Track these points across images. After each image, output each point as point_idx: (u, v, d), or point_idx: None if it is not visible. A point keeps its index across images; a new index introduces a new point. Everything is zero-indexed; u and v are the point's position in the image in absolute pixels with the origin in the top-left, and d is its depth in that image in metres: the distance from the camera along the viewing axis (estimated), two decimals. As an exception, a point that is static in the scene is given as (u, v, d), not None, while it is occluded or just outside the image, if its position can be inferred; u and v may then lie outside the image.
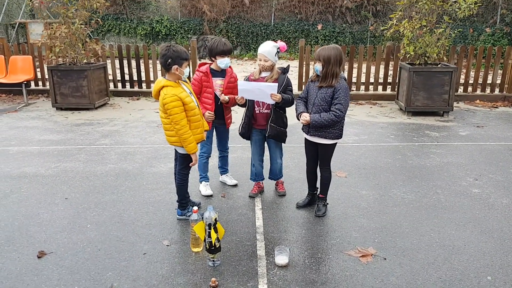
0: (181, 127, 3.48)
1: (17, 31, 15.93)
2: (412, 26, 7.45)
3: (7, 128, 6.86)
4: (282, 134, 4.13)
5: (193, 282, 2.97)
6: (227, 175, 4.64)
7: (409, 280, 2.99)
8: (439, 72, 7.52)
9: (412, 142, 6.13)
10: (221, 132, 4.41)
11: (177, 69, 3.45)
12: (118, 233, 3.63)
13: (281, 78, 4.00)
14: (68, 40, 7.77)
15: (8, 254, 3.30)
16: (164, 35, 16.42)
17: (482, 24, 14.88)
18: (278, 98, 3.82)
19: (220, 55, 4.03)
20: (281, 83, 3.97)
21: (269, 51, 3.92)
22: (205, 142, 4.21)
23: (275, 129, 4.06)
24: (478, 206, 4.14)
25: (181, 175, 3.82)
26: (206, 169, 4.41)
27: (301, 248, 3.41)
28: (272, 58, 3.94)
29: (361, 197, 4.33)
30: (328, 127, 3.67)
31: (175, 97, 3.41)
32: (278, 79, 3.99)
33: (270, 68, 4.00)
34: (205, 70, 4.08)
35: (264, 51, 3.92)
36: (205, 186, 4.40)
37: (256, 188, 4.41)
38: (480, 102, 8.77)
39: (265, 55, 3.92)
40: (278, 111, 4.04)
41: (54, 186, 4.59)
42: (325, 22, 16.09)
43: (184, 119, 3.49)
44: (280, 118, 4.07)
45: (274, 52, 3.93)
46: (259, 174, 4.37)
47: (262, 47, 3.95)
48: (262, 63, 3.96)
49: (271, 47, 3.93)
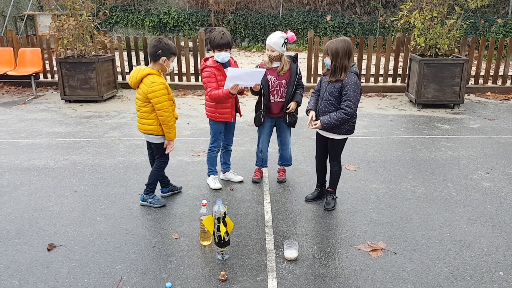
0: (169, 114, 3.64)
1: (25, 23, 15.97)
2: (422, 17, 7.35)
3: (16, 120, 6.89)
4: (295, 119, 4.29)
5: (202, 276, 2.97)
6: (231, 172, 4.57)
7: (420, 275, 2.97)
8: (450, 63, 7.42)
9: (422, 135, 6.07)
10: (231, 125, 4.38)
11: (165, 61, 3.61)
12: (127, 226, 3.63)
13: (293, 67, 4.10)
14: (76, 33, 7.76)
15: (19, 247, 3.32)
16: (171, 26, 16.38)
17: (494, 15, 14.66)
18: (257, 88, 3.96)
19: (217, 49, 3.97)
20: (295, 72, 4.09)
21: (275, 41, 3.95)
22: (218, 137, 4.27)
23: (294, 117, 4.23)
24: (489, 200, 4.09)
25: (161, 163, 3.95)
26: (215, 163, 4.39)
27: (310, 242, 3.39)
28: (278, 49, 3.98)
29: (370, 190, 4.30)
30: (341, 125, 3.64)
31: (164, 85, 3.59)
32: (290, 69, 4.09)
33: (278, 58, 4.05)
34: (216, 65, 4.02)
35: (270, 41, 3.97)
36: (214, 179, 4.39)
37: (258, 173, 4.56)
38: (491, 94, 8.66)
39: (271, 46, 3.97)
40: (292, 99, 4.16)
41: (63, 178, 4.60)
42: (334, 13, 15.94)
43: (170, 107, 3.67)
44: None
45: (280, 43, 3.96)
46: (265, 160, 4.53)
47: (269, 37, 4.00)
48: (269, 53, 4.04)
49: (277, 38, 3.96)
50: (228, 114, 4.17)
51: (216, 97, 3.96)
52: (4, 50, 8.88)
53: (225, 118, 4.18)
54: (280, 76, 4.07)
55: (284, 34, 3.96)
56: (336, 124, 3.60)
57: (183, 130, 6.33)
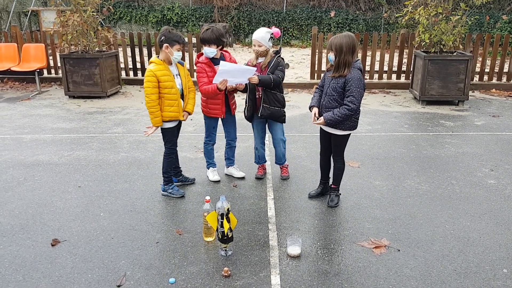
0: (150, 100, 3.78)
1: (29, 19, 15.99)
2: (427, 13, 7.30)
3: (20, 116, 6.91)
4: (276, 113, 4.20)
5: (206, 271, 2.97)
6: (234, 167, 4.58)
7: (423, 272, 2.96)
8: (455, 60, 7.39)
9: (426, 132, 6.05)
10: (228, 120, 4.37)
11: (167, 47, 3.77)
12: (131, 221, 3.64)
13: (272, 59, 4.11)
14: (80, 28, 7.76)
15: (23, 242, 3.33)
16: (175, 22, 16.36)
17: (499, 11, 14.57)
18: (255, 80, 3.92)
19: (203, 44, 4.04)
20: (274, 64, 4.09)
21: (262, 36, 4.01)
22: (211, 131, 4.35)
23: (268, 109, 4.16)
24: (493, 197, 4.07)
25: (166, 149, 4.11)
26: (212, 155, 4.47)
27: (313, 239, 3.39)
28: (265, 44, 4.03)
29: (374, 187, 4.29)
30: (345, 121, 3.62)
31: (151, 73, 3.74)
32: (270, 61, 4.10)
33: (264, 53, 4.09)
34: (206, 61, 4.08)
35: (257, 37, 4.02)
36: (213, 172, 4.45)
37: (261, 170, 4.56)
38: (496, 91, 8.62)
39: (259, 41, 4.02)
40: (269, 91, 4.12)
41: (67, 174, 4.61)
42: (338, 9, 15.88)
43: (155, 95, 3.78)
44: (272, 98, 4.14)
45: (267, 38, 4.02)
46: (261, 157, 4.52)
47: (256, 33, 4.07)
48: (257, 48, 4.08)
49: (264, 33, 4.02)
50: (218, 110, 4.20)
51: (206, 92, 4.06)
52: (8, 46, 8.90)
53: (215, 114, 4.23)
54: (263, 71, 4.11)
55: (270, 30, 4.03)
56: (340, 120, 3.59)
57: (186, 126, 6.33)
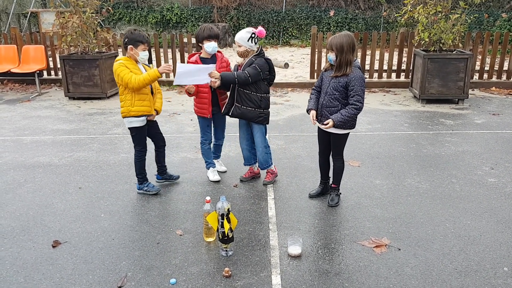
0: (134, 80, 3.70)
1: (29, 21, 15.99)
2: (426, 12, 7.30)
3: (20, 117, 6.91)
4: (248, 114, 4.06)
5: (206, 272, 2.98)
6: (217, 161, 4.66)
7: (424, 271, 2.96)
8: (454, 59, 7.38)
9: (426, 131, 6.05)
10: (217, 119, 4.39)
11: (131, 49, 3.79)
12: (131, 222, 3.65)
13: (249, 60, 4.02)
14: (80, 30, 7.76)
15: (24, 244, 3.33)
16: (174, 23, 16.36)
17: (498, 10, 14.55)
18: (215, 76, 3.86)
19: (207, 39, 4.06)
20: (248, 64, 3.99)
21: (241, 37, 3.96)
22: (205, 130, 4.35)
23: (239, 109, 4.05)
24: (494, 195, 4.07)
25: (136, 152, 4.10)
26: (210, 155, 4.47)
27: (314, 238, 3.39)
28: (244, 44, 3.97)
29: (374, 186, 4.29)
30: (353, 120, 3.64)
31: (122, 64, 3.76)
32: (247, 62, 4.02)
33: (245, 53, 4.03)
34: (195, 60, 4.13)
35: (236, 37, 4.00)
36: (213, 172, 4.46)
37: (248, 172, 4.46)
38: (496, 89, 8.61)
39: (237, 41, 3.99)
40: (241, 90, 4.02)
41: (68, 175, 4.62)
42: (337, 8, 15.87)
43: (134, 76, 3.72)
44: (245, 98, 4.03)
45: (246, 37, 3.95)
46: (246, 159, 4.40)
47: (237, 34, 4.01)
48: (237, 49, 4.05)
49: (244, 33, 3.97)
50: (205, 110, 4.22)
51: (187, 93, 4.17)
52: (7, 48, 8.91)
53: (202, 113, 4.25)
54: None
55: (251, 30, 3.96)
56: (349, 120, 3.60)
57: (186, 126, 6.33)
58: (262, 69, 3.98)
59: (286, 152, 5.23)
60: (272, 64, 4.14)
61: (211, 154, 4.47)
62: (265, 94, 4.13)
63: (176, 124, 6.46)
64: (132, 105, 3.84)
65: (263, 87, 4.09)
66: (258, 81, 4.02)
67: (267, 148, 4.29)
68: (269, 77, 4.13)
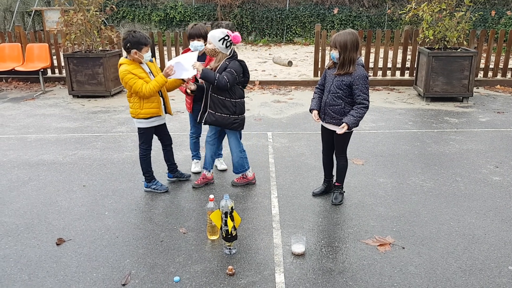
0: (145, 90, 3.73)
1: (33, 19, 16.03)
2: (431, 9, 7.27)
3: (25, 115, 6.94)
4: (222, 120, 3.92)
5: (210, 270, 2.98)
6: (219, 159, 4.77)
7: (428, 270, 2.95)
8: (459, 56, 7.35)
9: (430, 129, 6.02)
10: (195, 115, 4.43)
11: (136, 53, 3.75)
12: (135, 220, 3.65)
13: (223, 64, 3.85)
14: (84, 28, 7.78)
15: (28, 241, 3.35)
16: (178, 21, 16.37)
17: (503, 7, 14.47)
18: (197, 66, 3.76)
19: (191, 38, 4.19)
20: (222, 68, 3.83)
21: (213, 34, 3.79)
22: (193, 124, 4.54)
23: (213, 116, 3.92)
24: (499, 194, 4.05)
25: (141, 150, 4.12)
26: (197, 148, 4.71)
27: (317, 237, 3.39)
28: (214, 42, 3.79)
29: (378, 185, 4.28)
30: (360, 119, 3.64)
31: (127, 71, 3.73)
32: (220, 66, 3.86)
33: (213, 52, 3.86)
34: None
35: (209, 34, 3.84)
36: (195, 163, 4.70)
37: (200, 178, 4.27)
38: (501, 87, 8.57)
39: (209, 38, 3.85)
40: (214, 96, 3.89)
41: (72, 173, 4.63)
42: (341, 6, 15.83)
43: (144, 84, 3.74)
44: (218, 104, 3.89)
45: (218, 37, 3.76)
46: (207, 163, 4.22)
47: (211, 31, 3.88)
48: (207, 45, 3.91)
49: (217, 32, 3.79)
50: (189, 105, 4.43)
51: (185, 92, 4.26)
52: (12, 46, 8.93)
53: (188, 108, 4.46)
54: None
55: (227, 32, 3.79)
56: (360, 120, 3.61)
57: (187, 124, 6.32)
58: (238, 73, 3.83)
59: (290, 150, 5.23)
60: (246, 66, 3.98)
61: (197, 147, 4.69)
62: (240, 100, 3.98)
63: (179, 123, 6.47)
64: (141, 108, 3.87)
65: (237, 92, 3.94)
66: (233, 85, 3.89)
67: (243, 152, 4.18)
68: (243, 79, 3.98)
